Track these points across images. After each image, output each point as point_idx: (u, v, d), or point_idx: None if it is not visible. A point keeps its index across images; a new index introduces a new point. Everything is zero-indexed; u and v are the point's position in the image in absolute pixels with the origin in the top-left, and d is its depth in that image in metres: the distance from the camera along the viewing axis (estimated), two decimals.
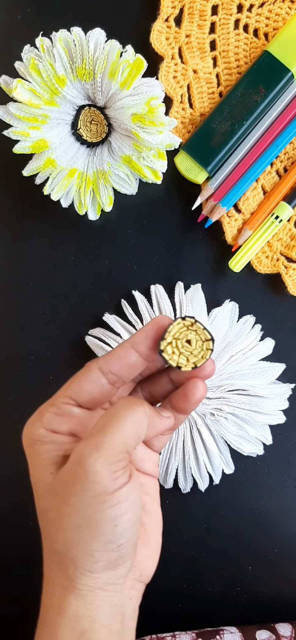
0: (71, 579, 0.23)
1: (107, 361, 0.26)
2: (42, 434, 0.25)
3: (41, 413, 0.26)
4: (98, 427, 0.24)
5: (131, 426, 0.24)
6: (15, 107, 0.33)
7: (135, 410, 0.24)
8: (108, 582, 0.24)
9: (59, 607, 0.23)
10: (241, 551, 0.40)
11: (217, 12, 0.38)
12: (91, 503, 0.23)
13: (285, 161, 0.39)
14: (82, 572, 0.23)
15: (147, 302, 0.38)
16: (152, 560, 0.28)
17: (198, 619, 0.39)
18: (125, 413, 0.24)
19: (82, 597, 0.23)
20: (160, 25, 0.38)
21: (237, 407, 0.37)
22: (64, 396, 0.26)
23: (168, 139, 0.35)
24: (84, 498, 0.23)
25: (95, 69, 0.33)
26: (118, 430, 0.23)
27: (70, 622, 0.23)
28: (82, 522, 0.23)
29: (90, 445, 0.23)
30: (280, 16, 0.38)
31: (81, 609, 0.23)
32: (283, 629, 0.37)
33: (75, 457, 0.23)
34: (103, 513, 0.23)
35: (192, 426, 0.37)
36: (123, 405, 0.24)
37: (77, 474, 0.23)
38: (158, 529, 0.29)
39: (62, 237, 0.40)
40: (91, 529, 0.23)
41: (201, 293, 0.38)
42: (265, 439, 0.38)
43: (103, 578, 0.23)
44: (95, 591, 0.23)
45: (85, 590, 0.23)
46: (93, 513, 0.23)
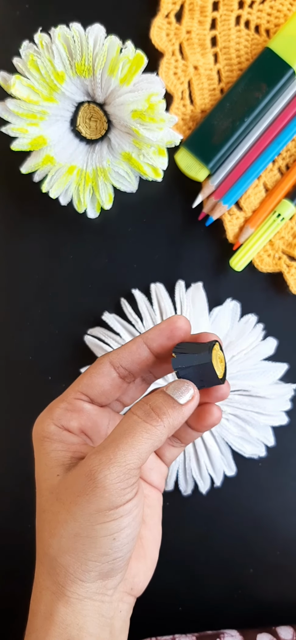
0: (61, 585, 0.23)
1: (118, 355, 0.26)
2: (52, 431, 0.25)
3: (51, 409, 0.26)
4: (112, 439, 0.23)
5: (147, 443, 0.23)
6: (14, 104, 0.33)
7: (152, 426, 0.23)
8: (98, 592, 0.23)
9: (46, 613, 0.23)
10: (242, 554, 0.39)
11: (218, 8, 0.38)
12: (94, 516, 0.22)
13: (287, 158, 0.38)
14: (73, 580, 0.23)
15: (147, 301, 0.38)
16: (145, 576, 0.27)
17: (199, 622, 0.39)
18: (141, 428, 0.23)
19: (71, 605, 0.23)
20: (161, 21, 0.38)
21: (239, 408, 0.37)
22: (75, 391, 0.26)
23: (168, 136, 0.35)
24: (88, 510, 0.22)
25: (94, 65, 0.32)
26: (132, 446, 0.22)
27: (57, 629, 0.23)
28: (80, 532, 0.22)
29: (102, 460, 0.22)
30: (282, 12, 0.38)
31: (69, 617, 0.23)
32: (285, 632, 0.37)
33: (85, 468, 0.23)
34: (104, 525, 0.22)
35: None
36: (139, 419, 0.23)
37: (85, 486, 0.22)
38: (156, 544, 0.28)
39: (61, 236, 0.39)
40: (89, 539, 0.22)
41: (202, 292, 0.38)
42: (266, 440, 0.38)
43: (93, 588, 0.23)
44: (84, 600, 0.23)
45: (74, 599, 0.23)
46: (93, 524, 0.22)
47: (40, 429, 0.26)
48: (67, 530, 0.23)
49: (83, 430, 0.26)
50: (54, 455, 0.25)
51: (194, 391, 0.24)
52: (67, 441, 0.25)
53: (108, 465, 0.22)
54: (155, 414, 0.23)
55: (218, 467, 0.38)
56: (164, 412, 0.23)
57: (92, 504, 0.22)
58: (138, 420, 0.23)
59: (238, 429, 0.37)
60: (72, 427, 0.26)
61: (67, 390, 0.26)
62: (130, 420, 0.23)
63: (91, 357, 0.39)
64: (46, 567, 0.23)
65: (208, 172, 0.37)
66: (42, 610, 0.23)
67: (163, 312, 0.38)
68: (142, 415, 0.23)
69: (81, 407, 0.26)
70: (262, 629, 0.37)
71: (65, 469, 0.24)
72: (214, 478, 0.38)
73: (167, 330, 0.25)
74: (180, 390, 0.24)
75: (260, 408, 0.37)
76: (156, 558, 0.28)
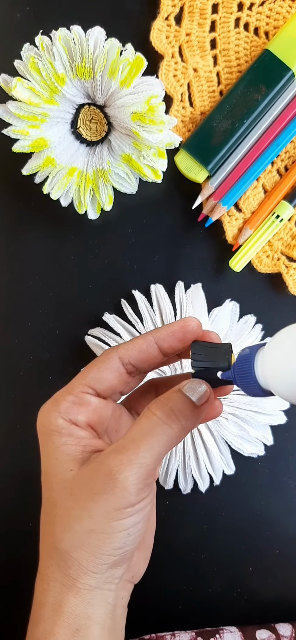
0: (72, 577, 0.23)
1: (128, 351, 0.26)
2: (61, 425, 0.25)
3: (58, 401, 0.25)
4: (132, 439, 0.23)
5: (166, 445, 0.23)
6: (15, 106, 0.33)
7: (172, 429, 0.23)
8: (106, 581, 0.24)
9: (55, 604, 0.23)
10: (241, 552, 0.39)
11: (218, 10, 0.38)
12: (111, 513, 0.22)
13: (286, 160, 0.38)
14: (85, 572, 0.23)
15: (147, 301, 0.38)
16: (144, 563, 0.28)
17: (198, 620, 0.39)
18: (161, 431, 0.23)
19: (81, 596, 0.23)
20: (160, 24, 0.38)
21: (238, 407, 0.37)
22: (83, 384, 0.26)
23: (168, 138, 0.35)
24: (106, 508, 0.22)
25: (94, 67, 0.32)
26: (152, 448, 0.22)
27: (66, 619, 0.23)
28: (95, 528, 0.22)
29: (123, 461, 0.22)
30: (281, 15, 0.38)
31: (78, 607, 0.23)
32: (283, 628, 0.37)
33: (104, 467, 0.22)
34: (120, 522, 0.22)
35: None
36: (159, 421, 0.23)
37: (104, 484, 0.22)
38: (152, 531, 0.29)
39: (62, 237, 0.40)
40: (104, 535, 0.22)
41: (201, 292, 0.38)
42: (265, 439, 0.38)
43: (103, 578, 0.23)
44: (94, 590, 0.23)
45: (85, 589, 0.23)
46: (110, 521, 0.22)
47: (47, 421, 0.25)
48: (81, 526, 0.23)
49: (90, 424, 0.26)
50: (65, 450, 0.24)
51: (209, 392, 0.24)
52: (77, 435, 0.25)
53: (129, 467, 0.22)
54: (175, 416, 0.23)
55: (218, 466, 0.38)
56: (184, 415, 0.23)
57: (110, 503, 0.22)
58: (158, 421, 0.23)
59: (237, 428, 0.37)
60: (80, 422, 0.25)
61: (73, 383, 0.26)
62: (150, 421, 0.23)
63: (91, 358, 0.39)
64: (55, 560, 0.24)
65: (207, 174, 0.37)
66: (50, 601, 0.23)
67: (163, 313, 0.38)
68: (162, 416, 0.23)
69: (88, 400, 0.26)
70: (261, 626, 0.37)
71: (78, 463, 0.24)
72: (213, 477, 0.38)
73: (180, 333, 0.25)
74: (197, 392, 0.24)
75: (258, 407, 0.37)
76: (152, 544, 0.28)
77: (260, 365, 0.23)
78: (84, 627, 0.23)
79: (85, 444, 0.25)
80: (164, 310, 0.38)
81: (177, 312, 0.38)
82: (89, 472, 0.23)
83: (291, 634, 0.36)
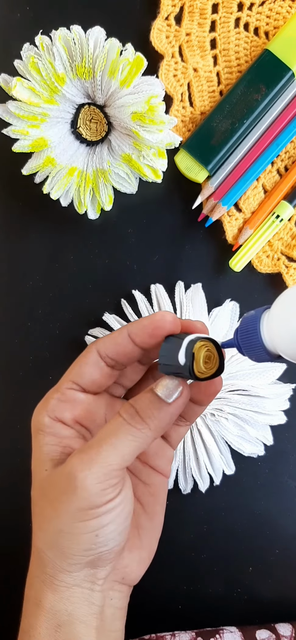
0: (49, 575, 0.23)
1: (105, 345, 0.25)
2: (46, 423, 0.25)
3: (47, 400, 0.26)
4: (97, 439, 0.23)
5: (130, 445, 0.23)
6: (15, 106, 0.33)
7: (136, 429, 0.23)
8: (86, 579, 0.24)
9: (36, 599, 0.24)
10: (241, 552, 0.39)
11: (218, 10, 0.38)
12: (75, 514, 0.22)
13: (286, 160, 0.38)
14: (60, 570, 0.23)
15: (147, 301, 0.38)
16: (139, 566, 0.27)
17: (198, 620, 0.39)
18: (125, 430, 0.22)
19: (59, 593, 0.23)
20: (160, 24, 0.38)
21: (238, 408, 0.37)
22: (67, 381, 0.26)
23: (168, 138, 0.35)
24: (69, 508, 0.22)
25: (94, 67, 0.32)
26: (115, 448, 0.22)
27: (46, 615, 0.23)
28: (63, 529, 0.23)
29: (83, 460, 0.22)
30: (281, 15, 0.38)
31: (58, 604, 0.23)
32: (283, 628, 0.37)
33: (67, 468, 0.23)
34: (85, 523, 0.22)
35: (192, 427, 0.37)
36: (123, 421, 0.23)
37: (66, 485, 0.22)
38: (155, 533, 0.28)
39: (62, 237, 0.40)
40: (71, 535, 0.23)
41: (201, 292, 0.38)
42: (265, 439, 0.38)
43: (80, 576, 0.24)
44: (72, 588, 0.23)
45: (62, 587, 0.23)
46: (75, 522, 0.22)
47: (36, 420, 0.26)
48: (51, 525, 0.23)
49: (78, 421, 0.26)
50: (45, 450, 0.25)
51: (183, 387, 0.24)
52: (59, 434, 0.25)
53: (89, 466, 0.22)
54: (140, 417, 0.23)
55: (218, 466, 0.38)
56: (149, 415, 0.23)
57: (73, 503, 0.22)
58: (123, 422, 0.23)
59: (237, 428, 0.37)
60: (66, 419, 0.25)
61: (60, 380, 0.26)
62: (115, 422, 0.23)
63: None
64: (36, 556, 0.24)
65: (207, 174, 0.37)
66: (32, 596, 0.24)
67: None
68: (127, 417, 0.23)
69: (74, 396, 0.26)
70: (261, 626, 0.37)
71: (53, 464, 0.24)
72: (213, 477, 0.38)
73: (149, 327, 0.24)
74: (168, 389, 0.23)
75: (258, 407, 0.37)
76: (154, 548, 0.28)
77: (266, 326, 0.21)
78: (66, 623, 0.23)
79: (65, 444, 0.25)
80: (164, 310, 0.38)
81: (177, 312, 0.38)
82: (58, 473, 0.23)
83: (291, 634, 0.36)
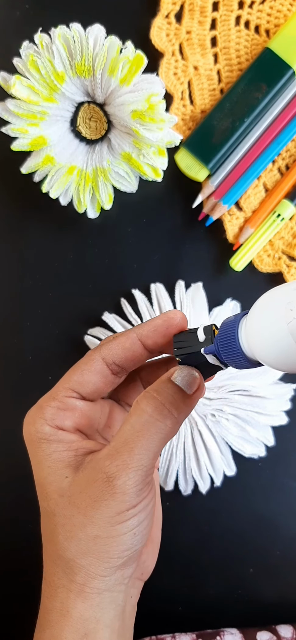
0: (80, 583, 0.23)
1: (111, 351, 0.25)
2: (48, 432, 0.24)
3: (42, 408, 0.25)
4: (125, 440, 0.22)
5: (161, 442, 0.22)
6: (14, 104, 0.33)
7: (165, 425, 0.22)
8: (117, 582, 0.23)
9: (62, 609, 0.23)
10: (242, 553, 0.39)
11: (218, 8, 0.38)
12: (114, 517, 0.22)
13: (287, 159, 0.38)
14: (94, 577, 0.22)
15: (147, 300, 0.38)
16: (153, 558, 0.27)
17: (199, 621, 0.39)
18: (155, 429, 0.22)
19: (90, 600, 0.23)
20: (161, 22, 0.38)
21: (238, 408, 0.37)
22: (66, 389, 0.25)
23: (168, 136, 0.35)
24: (108, 513, 0.22)
25: (94, 65, 0.32)
26: (147, 449, 0.22)
27: (75, 625, 0.23)
28: (100, 534, 0.22)
29: (119, 466, 0.22)
30: (282, 13, 0.38)
31: (87, 611, 0.23)
32: (284, 630, 0.37)
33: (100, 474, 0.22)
34: (125, 524, 0.22)
35: (193, 427, 0.37)
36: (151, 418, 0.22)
37: (103, 491, 0.22)
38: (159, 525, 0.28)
39: (61, 236, 0.39)
40: (111, 539, 0.22)
41: (202, 292, 0.38)
42: (266, 440, 0.38)
43: (112, 579, 0.23)
44: (103, 593, 0.23)
45: (94, 593, 0.23)
46: (114, 525, 0.22)
47: (33, 430, 0.24)
48: (85, 533, 0.22)
49: (78, 428, 0.25)
50: (57, 457, 0.24)
51: (200, 378, 0.23)
52: (66, 440, 0.24)
53: (126, 471, 0.21)
54: (168, 411, 0.22)
55: (218, 467, 0.38)
56: (176, 407, 0.22)
57: (111, 508, 0.22)
58: (150, 419, 0.22)
59: (238, 429, 0.37)
60: (67, 427, 0.25)
61: (57, 387, 0.25)
62: (141, 420, 0.22)
63: None
64: (61, 567, 0.23)
65: (208, 173, 0.37)
66: (57, 607, 0.23)
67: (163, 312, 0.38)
68: (154, 412, 0.22)
69: (74, 405, 0.25)
70: (262, 628, 0.37)
71: (72, 469, 0.23)
72: (214, 478, 0.38)
73: (163, 327, 0.24)
74: (187, 380, 0.23)
75: (259, 408, 0.37)
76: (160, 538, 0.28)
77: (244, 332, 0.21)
78: (93, 631, 0.23)
79: (76, 447, 0.24)
80: (164, 309, 0.37)
81: None
82: (86, 479, 0.23)
83: (292, 636, 0.36)
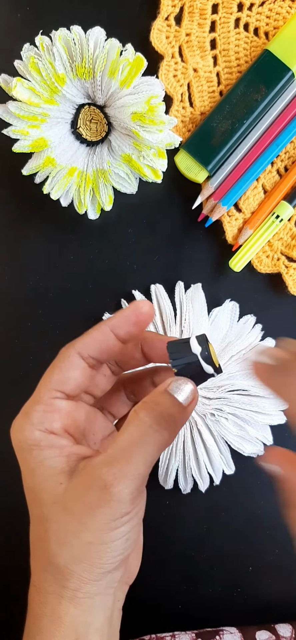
0: (72, 589, 0.23)
1: (86, 345, 0.25)
2: (39, 437, 0.24)
3: (28, 414, 0.25)
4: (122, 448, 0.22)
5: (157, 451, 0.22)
6: (15, 106, 0.33)
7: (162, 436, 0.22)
8: (107, 586, 0.23)
9: (53, 616, 0.23)
10: (241, 552, 0.39)
11: (217, 10, 0.38)
12: (108, 524, 0.22)
13: (286, 160, 0.39)
14: (87, 582, 0.23)
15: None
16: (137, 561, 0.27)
17: (198, 620, 0.39)
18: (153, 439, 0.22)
19: (81, 605, 0.23)
20: (160, 24, 0.38)
21: (238, 408, 0.37)
22: (50, 390, 0.25)
23: (168, 138, 0.35)
24: (103, 520, 0.22)
25: (95, 67, 0.32)
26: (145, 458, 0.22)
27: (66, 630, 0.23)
28: (94, 540, 0.22)
29: (116, 475, 0.22)
30: (281, 15, 0.38)
31: (79, 617, 0.23)
32: (283, 629, 0.37)
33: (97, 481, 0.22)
34: (118, 531, 0.22)
35: (192, 427, 0.37)
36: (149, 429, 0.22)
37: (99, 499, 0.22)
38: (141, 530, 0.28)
39: (62, 237, 0.40)
40: (104, 545, 0.22)
41: (201, 293, 0.38)
42: (265, 439, 0.38)
43: (104, 583, 0.23)
44: (94, 597, 0.23)
45: (86, 598, 0.23)
46: (107, 532, 0.22)
47: (22, 437, 0.24)
48: (79, 539, 0.22)
49: (66, 430, 0.25)
50: (50, 464, 0.24)
51: (195, 390, 0.24)
52: (57, 445, 0.24)
53: (123, 480, 0.22)
54: (165, 422, 0.23)
55: (218, 466, 0.38)
56: (174, 419, 0.23)
57: (106, 515, 0.22)
58: (149, 430, 0.22)
59: (237, 428, 0.37)
60: (56, 429, 0.25)
61: (39, 391, 0.25)
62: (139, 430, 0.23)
63: None
64: (51, 573, 0.23)
65: (207, 174, 0.37)
66: (48, 613, 0.23)
67: (163, 313, 0.38)
68: (152, 423, 0.22)
69: (59, 406, 0.25)
70: (261, 626, 0.37)
71: (66, 475, 0.23)
72: (213, 477, 0.38)
73: (133, 316, 0.25)
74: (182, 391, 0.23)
75: (258, 407, 0.37)
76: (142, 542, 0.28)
77: None
78: (84, 635, 0.23)
79: (68, 453, 0.24)
80: (164, 310, 0.38)
81: (177, 312, 0.38)
82: (82, 486, 0.23)
83: (291, 635, 0.36)
